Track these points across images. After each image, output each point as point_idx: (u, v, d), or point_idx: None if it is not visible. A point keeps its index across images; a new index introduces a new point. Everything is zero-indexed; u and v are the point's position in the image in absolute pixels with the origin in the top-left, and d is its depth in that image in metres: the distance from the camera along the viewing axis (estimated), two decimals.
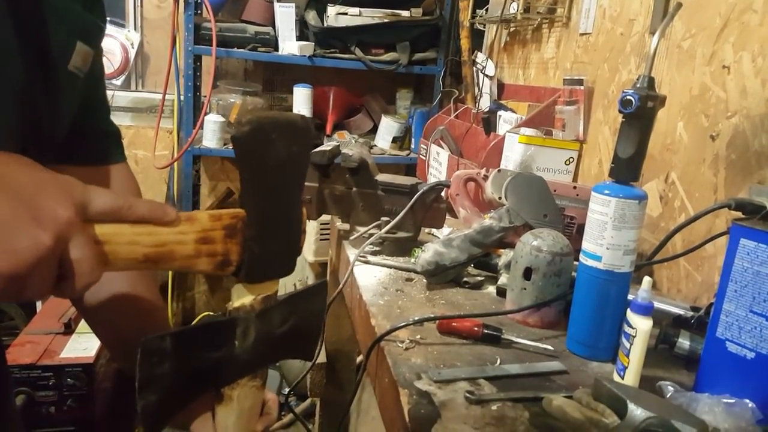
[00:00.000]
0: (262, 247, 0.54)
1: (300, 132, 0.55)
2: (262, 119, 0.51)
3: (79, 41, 0.60)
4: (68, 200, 0.42)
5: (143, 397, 0.47)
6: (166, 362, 0.48)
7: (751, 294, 0.67)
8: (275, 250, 0.56)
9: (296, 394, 2.33)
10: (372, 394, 0.94)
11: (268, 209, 0.54)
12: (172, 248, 0.48)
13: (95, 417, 1.61)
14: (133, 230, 0.46)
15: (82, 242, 0.42)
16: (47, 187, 0.41)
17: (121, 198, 0.45)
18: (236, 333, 0.54)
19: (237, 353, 0.55)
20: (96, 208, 0.44)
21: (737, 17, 1.03)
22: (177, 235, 0.48)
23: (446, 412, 0.66)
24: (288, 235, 0.57)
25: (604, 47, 1.47)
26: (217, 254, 0.51)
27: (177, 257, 0.48)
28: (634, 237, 0.78)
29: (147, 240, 0.46)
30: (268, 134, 0.51)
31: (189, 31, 2.25)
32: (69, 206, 0.41)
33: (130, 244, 0.45)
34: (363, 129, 2.73)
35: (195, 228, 0.49)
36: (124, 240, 0.45)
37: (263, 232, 0.53)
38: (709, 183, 1.08)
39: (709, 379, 0.72)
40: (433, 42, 2.54)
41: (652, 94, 0.76)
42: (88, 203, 0.43)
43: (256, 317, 0.56)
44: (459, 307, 0.97)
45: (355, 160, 1.17)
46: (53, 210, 0.40)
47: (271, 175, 0.53)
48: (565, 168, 1.48)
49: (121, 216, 0.45)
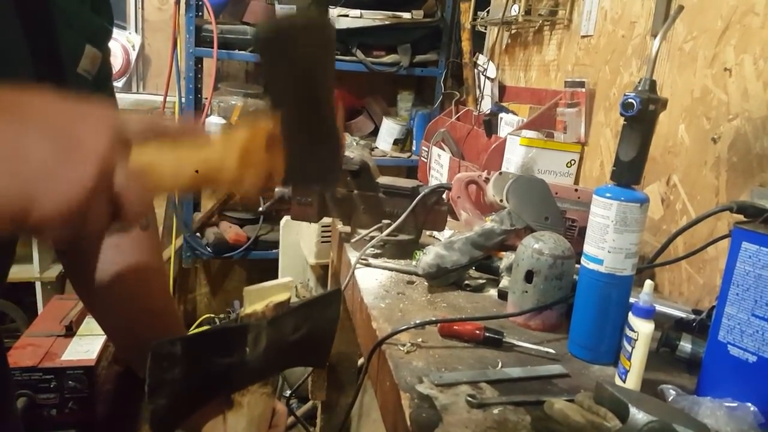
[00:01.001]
0: (302, 154, 0.52)
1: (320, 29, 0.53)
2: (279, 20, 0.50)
3: (87, 44, 0.60)
4: (107, 127, 0.40)
5: (153, 401, 0.47)
6: (176, 367, 0.48)
7: (753, 297, 0.67)
8: (315, 155, 0.54)
9: (297, 397, 2.33)
10: (373, 398, 0.94)
11: (302, 113, 0.52)
12: (217, 164, 0.46)
13: (96, 419, 1.61)
14: (174, 152, 0.44)
15: (126, 170, 0.40)
16: (83, 116, 0.40)
17: (152, 119, 0.44)
18: (247, 339, 0.54)
19: (248, 360, 0.54)
20: (133, 131, 0.42)
21: (739, 20, 1.03)
22: (220, 152, 0.46)
23: (448, 416, 0.66)
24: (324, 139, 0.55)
25: (605, 49, 1.47)
26: (262, 166, 0.48)
27: (224, 174, 0.46)
28: (635, 240, 0.78)
29: (191, 159, 0.44)
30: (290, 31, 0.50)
31: (190, 33, 2.26)
32: (108, 134, 0.39)
33: (174, 165, 0.44)
34: (364, 131, 2.73)
35: (236, 143, 0.47)
36: (167, 162, 0.44)
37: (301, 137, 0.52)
38: (710, 186, 1.08)
39: (711, 383, 0.72)
40: (434, 44, 2.54)
41: (653, 97, 0.75)
42: (124, 127, 0.41)
43: (267, 324, 0.55)
44: (460, 310, 0.96)
45: (356, 163, 1.17)
46: (93, 140, 0.38)
47: (297, 75, 0.51)
48: (567, 170, 1.48)
49: (157, 137, 0.43)
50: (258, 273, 2.91)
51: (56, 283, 2.37)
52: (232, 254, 2.56)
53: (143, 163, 0.42)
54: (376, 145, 2.63)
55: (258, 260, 2.64)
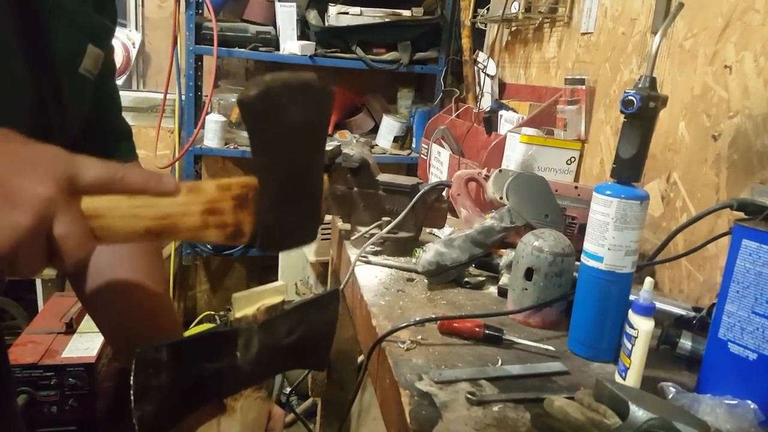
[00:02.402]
0: (277, 216, 0.50)
1: (316, 94, 0.51)
2: (270, 82, 0.47)
3: (90, 44, 0.60)
4: (49, 176, 0.40)
5: (139, 408, 0.47)
6: (162, 373, 0.47)
7: (753, 295, 0.67)
8: (292, 218, 0.52)
9: (297, 394, 2.33)
10: (373, 395, 0.94)
11: (282, 177, 0.50)
12: (175, 221, 0.45)
13: (97, 416, 1.61)
14: (130, 202, 0.43)
15: (68, 219, 0.40)
16: (26, 163, 0.40)
17: (113, 168, 0.43)
18: (238, 344, 0.53)
19: (239, 364, 0.53)
20: (85, 180, 0.42)
21: (739, 17, 1.03)
22: (181, 207, 0.45)
23: (447, 413, 0.66)
24: (305, 203, 0.54)
25: (605, 47, 1.47)
26: (228, 225, 0.48)
27: (182, 229, 0.46)
28: (635, 237, 0.78)
29: (147, 212, 0.44)
30: (278, 98, 0.47)
31: (190, 31, 2.26)
32: (50, 182, 0.39)
33: (128, 217, 0.43)
34: (364, 128, 2.72)
35: (201, 199, 0.46)
36: (120, 213, 0.43)
37: (277, 200, 0.50)
38: (711, 183, 1.07)
39: (711, 380, 0.72)
40: (434, 41, 2.54)
41: (653, 94, 0.75)
42: (75, 175, 0.41)
43: (259, 328, 0.54)
44: (460, 307, 0.96)
45: (356, 160, 1.17)
46: (31, 189, 0.38)
47: (283, 141, 0.49)
48: (567, 168, 1.48)
49: (113, 187, 0.43)
50: (258, 270, 2.91)
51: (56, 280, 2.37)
52: (232, 251, 2.56)
53: (92, 212, 0.42)
54: (376, 142, 2.63)
55: (258, 257, 2.64)
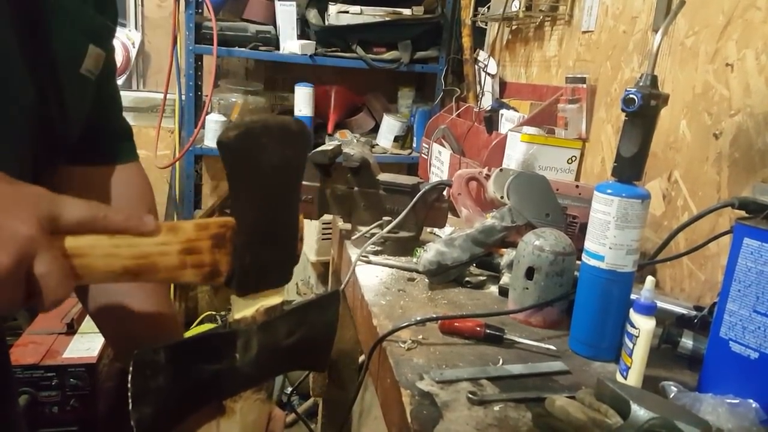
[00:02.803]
0: (254, 258, 0.51)
1: (294, 136, 0.52)
2: (250, 124, 0.48)
3: (91, 44, 0.60)
4: (31, 215, 0.40)
5: (137, 411, 0.46)
6: (160, 375, 0.47)
7: (754, 294, 0.67)
8: (268, 260, 0.53)
9: (299, 394, 2.33)
10: (374, 395, 0.94)
11: (259, 217, 0.51)
12: (154, 260, 0.46)
13: (98, 417, 1.61)
14: (110, 242, 0.44)
15: (48, 258, 0.40)
16: (8, 202, 0.40)
17: (95, 208, 0.44)
18: (237, 345, 0.53)
19: (238, 366, 0.53)
20: (67, 219, 0.42)
21: (741, 14, 1.03)
22: (159, 246, 0.46)
23: (448, 413, 0.65)
24: (282, 245, 0.55)
25: (606, 45, 1.46)
26: (205, 265, 0.49)
27: (160, 269, 0.46)
28: (636, 236, 0.78)
29: (126, 252, 0.45)
30: (257, 139, 0.48)
31: (190, 30, 2.25)
32: (31, 222, 0.40)
33: (107, 256, 0.44)
34: (365, 128, 2.72)
35: (179, 238, 0.47)
36: (100, 252, 0.44)
37: (254, 241, 0.51)
38: (712, 182, 1.07)
39: (713, 379, 0.72)
40: (435, 40, 2.53)
41: (655, 92, 0.75)
42: (57, 215, 0.42)
43: (258, 329, 0.54)
44: (461, 307, 0.96)
45: (356, 160, 1.17)
46: (13, 228, 0.39)
47: (262, 182, 0.50)
48: (568, 167, 1.48)
49: (95, 227, 0.44)
50: None
51: None
52: None
53: (73, 252, 0.43)
54: (377, 142, 2.63)
55: None
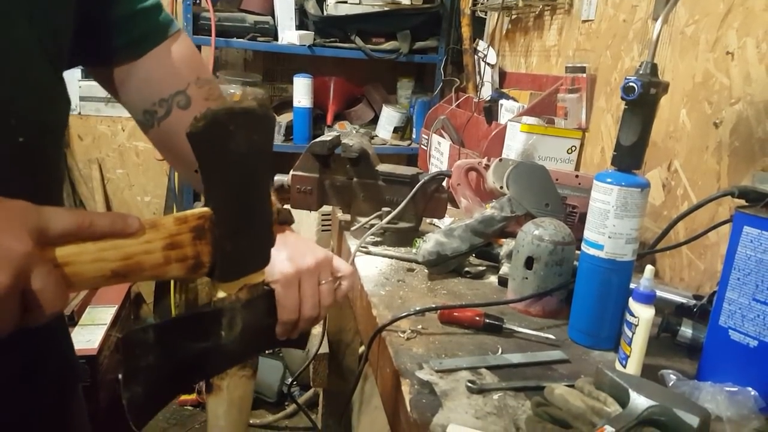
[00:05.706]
0: (234, 245, 0.52)
1: (259, 120, 0.53)
2: (216, 112, 0.49)
3: None
4: (23, 231, 0.40)
5: (129, 390, 0.47)
6: (149, 354, 0.48)
7: (754, 282, 0.67)
8: (247, 245, 0.54)
9: (299, 384, 2.34)
10: (374, 384, 0.95)
11: (235, 204, 0.52)
12: (139, 259, 0.47)
13: (99, 408, 1.62)
14: (96, 247, 0.45)
15: (44, 272, 0.41)
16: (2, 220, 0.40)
17: (80, 216, 0.44)
18: (222, 323, 0.54)
19: (224, 343, 0.55)
20: (55, 230, 0.42)
21: (741, 2, 1.02)
22: (143, 245, 0.47)
23: (448, 402, 0.66)
24: (258, 229, 0.56)
25: (606, 34, 1.46)
26: (188, 258, 0.49)
27: (146, 267, 0.47)
28: (636, 225, 0.78)
29: (112, 255, 0.45)
30: (225, 127, 0.49)
31: (188, 21, 2.24)
32: (24, 237, 0.40)
33: (95, 261, 0.44)
34: (364, 119, 2.71)
35: (161, 235, 0.48)
36: (88, 258, 0.44)
37: (232, 228, 0.52)
38: (712, 171, 1.07)
39: (712, 368, 0.72)
40: (434, 30, 2.52)
41: (654, 80, 0.75)
42: (46, 227, 0.42)
43: (242, 307, 0.55)
44: (460, 296, 0.96)
45: (355, 151, 1.17)
46: (7, 245, 0.39)
47: (233, 169, 0.52)
48: (567, 157, 1.48)
49: (82, 234, 0.44)
50: None
51: None
52: None
53: (63, 261, 0.43)
54: (376, 133, 2.62)
55: None
